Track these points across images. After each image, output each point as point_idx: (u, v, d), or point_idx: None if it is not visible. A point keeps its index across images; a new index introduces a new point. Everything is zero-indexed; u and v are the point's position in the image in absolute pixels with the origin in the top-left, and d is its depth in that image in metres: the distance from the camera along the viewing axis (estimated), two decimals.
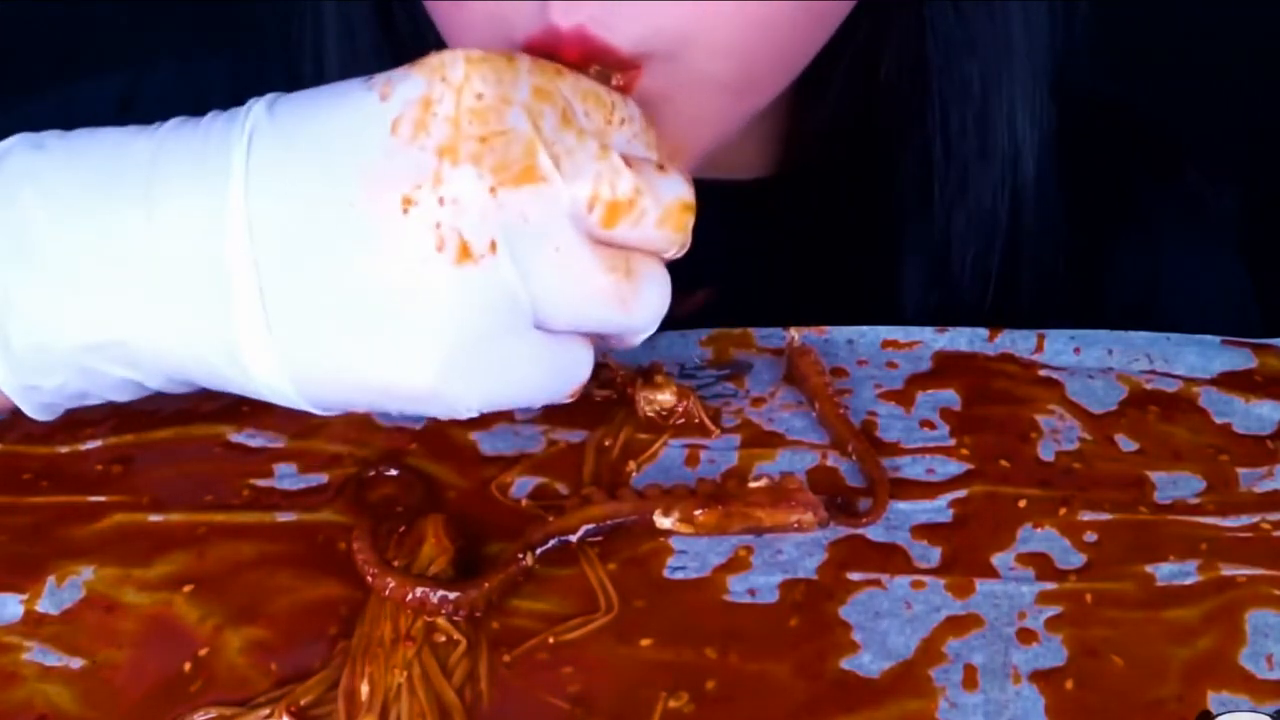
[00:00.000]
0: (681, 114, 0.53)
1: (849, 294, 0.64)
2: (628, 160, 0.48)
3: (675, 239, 0.49)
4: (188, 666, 0.47)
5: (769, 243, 0.66)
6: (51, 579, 0.50)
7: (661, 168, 0.49)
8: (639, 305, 0.48)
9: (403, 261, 0.46)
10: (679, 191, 0.49)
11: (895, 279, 0.64)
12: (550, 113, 0.47)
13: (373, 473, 0.53)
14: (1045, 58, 0.63)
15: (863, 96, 0.63)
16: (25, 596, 0.49)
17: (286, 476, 0.53)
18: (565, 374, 0.49)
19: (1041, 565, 0.49)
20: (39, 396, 0.51)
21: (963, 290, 0.64)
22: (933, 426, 0.54)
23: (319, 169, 0.46)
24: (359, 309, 0.46)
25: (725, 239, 0.68)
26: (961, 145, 0.63)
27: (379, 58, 0.64)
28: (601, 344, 0.51)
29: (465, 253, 0.45)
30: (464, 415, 0.48)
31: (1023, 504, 0.51)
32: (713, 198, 0.65)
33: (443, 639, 0.47)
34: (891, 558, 0.49)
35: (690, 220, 0.49)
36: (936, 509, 0.51)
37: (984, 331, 0.57)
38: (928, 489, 0.51)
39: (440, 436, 0.54)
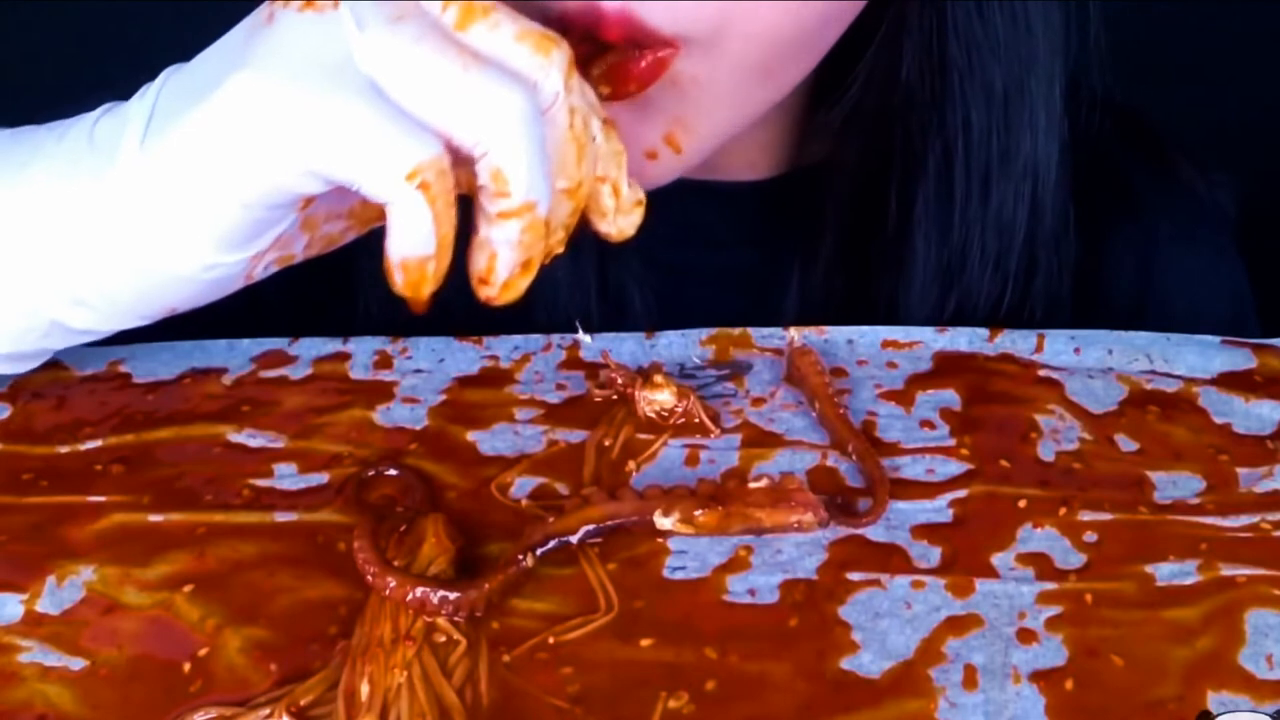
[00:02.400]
0: (708, 96, 0.54)
1: (856, 295, 0.64)
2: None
3: (537, 62, 0.46)
4: (188, 666, 0.47)
5: (775, 242, 0.66)
6: (51, 579, 0.50)
7: None
8: (481, 79, 0.45)
9: (253, 20, 0.47)
10: (545, 30, 0.47)
11: (905, 282, 0.64)
12: None
13: (373, 473, 0.53)
14: (1062, 63, 0.63)
15: (882, 97, 0.63)
16: (25, 596, 0.49)
17: (286, 476, 0.53)
18: (399, 145, 0.45)
19: (1041, 565, 0.49)
20: None
21: (978, 293, 0.64)
22: (933, 426, 0.54)
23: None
24: (205, 74, 0.47)
25: (731, 237, 0.68)
26: (983, 150, 0.62)
27: None
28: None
29: (309, 1, 0.46)
30: (300, 176, 0.46)
31: (1023, 504, 0.51)
32: (719, 198, 0.65)
33: (443, 639, 0.47)
34: (891, 558, 0.49)
35: (557, 55, 0.46)
36: (936, 509, 0.51)
37: (984, 331, 0.57)
38: (928, 489, 0.51)
39: (440, 436, 0.54)
